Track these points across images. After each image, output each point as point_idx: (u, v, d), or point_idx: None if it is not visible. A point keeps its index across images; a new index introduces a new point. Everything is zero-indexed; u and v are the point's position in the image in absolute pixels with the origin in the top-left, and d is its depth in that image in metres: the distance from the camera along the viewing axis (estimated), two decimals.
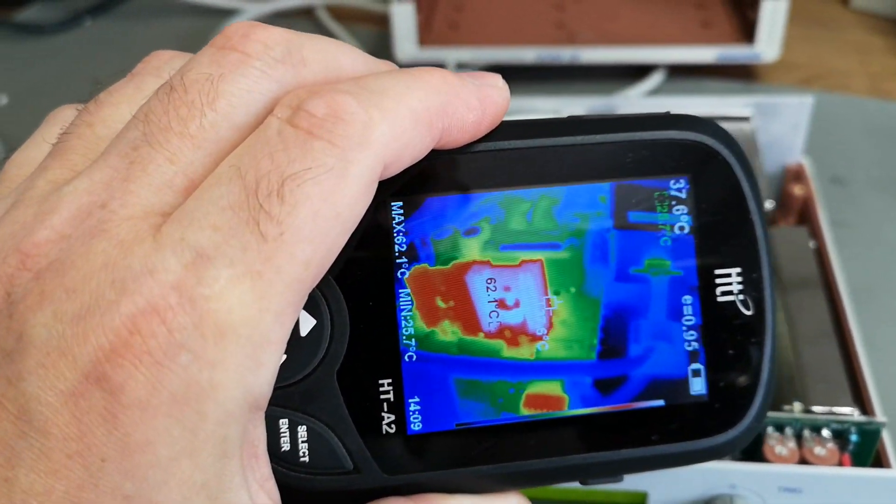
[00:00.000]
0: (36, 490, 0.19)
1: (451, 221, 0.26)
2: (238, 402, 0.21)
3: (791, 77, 0.78)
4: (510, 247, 0.26)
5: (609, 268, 0.27)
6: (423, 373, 0.26)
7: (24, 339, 0.20)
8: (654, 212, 0.27)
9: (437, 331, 0.26)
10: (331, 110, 0.22)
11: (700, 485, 0.39)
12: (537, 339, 0.26)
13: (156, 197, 0.21)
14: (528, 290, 0.26)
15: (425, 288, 0.26)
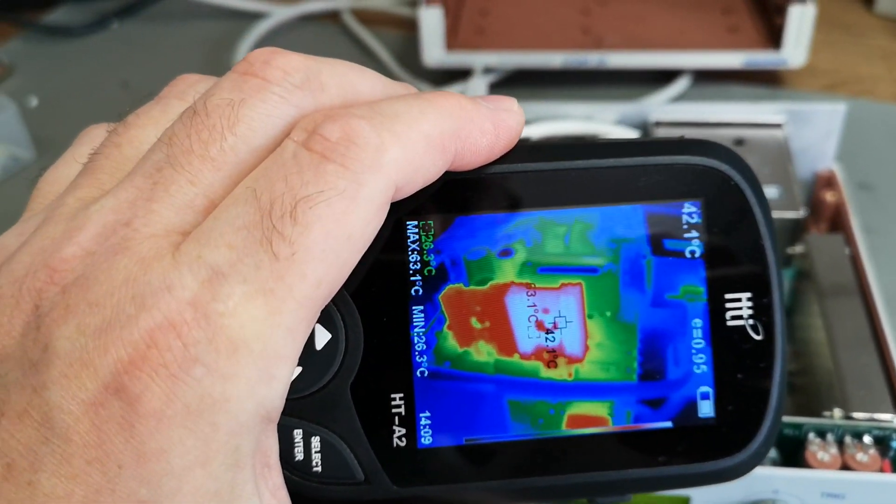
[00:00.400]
0: (57, 493, 0.20)
1: (479, 242, 0.27)
2: (250, 414, 0.22)
3: (816, 83, 0.78)
4: (549, 269, 0.27)
5: (670, 279, 0.27)
6: (433, 388, 0.27)
7: (50, 350, 0.21)
8: (679, 238, 0.27)
9: (472, 350, 0.27)
10: (344, 134, 0.23)
11: (742, 490, 0.39)
12: (575, 362, 0.27)
13: (177, 216, 0.23)
14: (567, 312, 0.27)
15: (460, 307, 0.27)
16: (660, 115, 0.58)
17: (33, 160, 0.75)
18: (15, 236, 0.24)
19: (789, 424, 0.41)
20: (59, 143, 0.77)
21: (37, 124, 0.77)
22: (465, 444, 0.27)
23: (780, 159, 0.54)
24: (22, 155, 0.75)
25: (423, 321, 0.27)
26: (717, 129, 0.57)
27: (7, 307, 0.22)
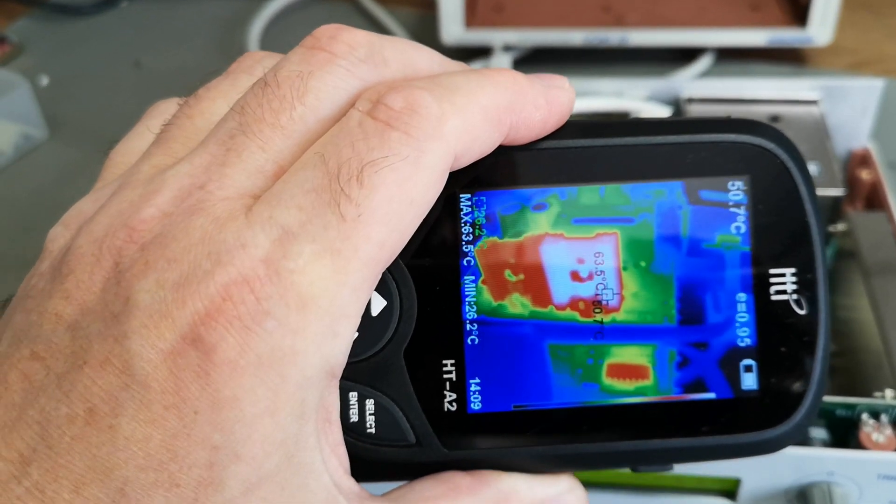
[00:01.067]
0: (136, 437, 0.21)
1: (519, 202, 0.28)
2: (316, 369, 0.23)
3: (841, 62, 0.77)
4: (583, 220, 0.28)
5: (681, 243, 0.28)
6: (484, 355, 0.27)
7: (130, 302, 0.22)
8: (723, 201, 0.28)
9: (506, 304, 0.27)
10: (407, 104, 0.24)
11: (795, 472, 0.38)
12: (611, 311, 0.27)
13: (249, 181, 0.24)
14: (603, 261, 0.28)
15: (494, 260, 0.28)
16: (692, 91, 0.57)
17: (46, 139, 0.74)
18: (91, 202, 0.26)
19: (842, 405, 0.40)
20: (72, 122, 0.76)
21: (48, 104, 0.76)
22: (513, 409, 0.28)
23: (818, 136, 0.53)
24: (35, 134, 0.74)
25: (474, 290, 0.27)
26: (752, 106, 0.56)
27: (88, 264, 0.23)
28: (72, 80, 0.81)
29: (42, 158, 0.73)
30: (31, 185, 0.70)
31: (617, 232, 0.27)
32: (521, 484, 0.27)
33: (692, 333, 0.27)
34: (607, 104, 0.56)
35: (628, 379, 0.28)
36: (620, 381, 0.27)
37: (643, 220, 0.27)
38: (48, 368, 0.22)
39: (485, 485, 0.27)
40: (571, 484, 0.28)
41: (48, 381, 0.22)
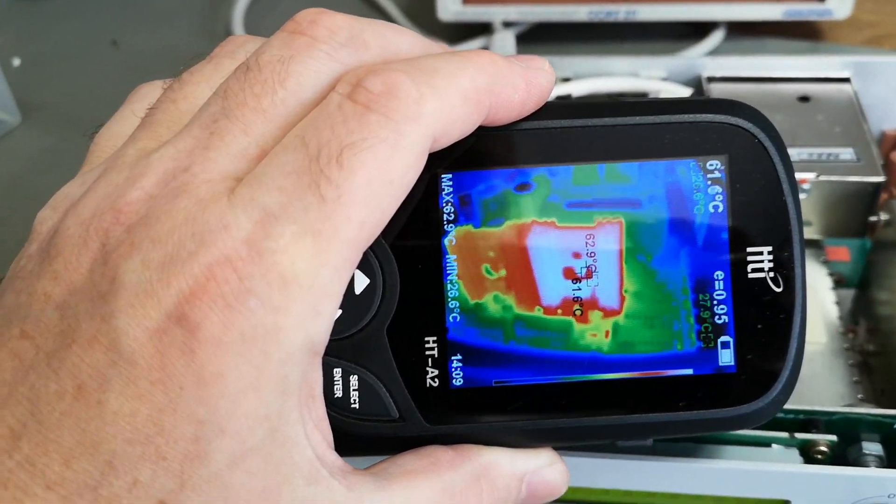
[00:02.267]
0: (124, 412, 0.22)
1: (501, 182, 0.28)
2: (298, 346, 0.23)
3: (859, 36, 0.73)
4: (578, 205, 0.29)
5: (693, 233, 0.28)
6: (465, 333, 0.28)
7: (117, 282, 0.23)
8: (700, 181, 0.28)
9: (485, 304, 0.28)
10: (386, 87, 0.24)
11: (850, 493, 0.35)
12: (612, 315, 0.28)
13: (232, 164, 0.24)
14: (604, 255, 0.28)
15: (470, 254, 0.29)
16: (712, 69, 0.53)
17: (18, 124, 0.70)
18: (78, 186, 0.26)
19: None
20: (46, 106, 0.71)
21: (20, 87, 0.71)
22: (494, 385, 0.28)
23: (852, 118, 0.49)
24: (6, 119, 0.69)
25: (456, 269, 0.28)
26: (778, 85, 0.52)
27: (75, 246, 0.24)
28: (45, 61, 0.77)
29: (15, 145, 0.68)
30: (3, 174, 0.66)
31: (621, 219, 0.28)
32: (502, 458, 0.29)
33: (672, 310, 0.28)
34: (623, 84, 0.52)
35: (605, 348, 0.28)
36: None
37: (620, 200, 0.28)
38: (38, 347, 0.23)
39: (466, 458, 0.28)
40: (552, 458, 0.30)
41: (38, 359, 0.23)
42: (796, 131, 0.49)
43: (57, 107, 0.71)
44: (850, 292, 0.48)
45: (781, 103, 0.51)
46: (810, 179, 0.46)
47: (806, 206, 0.47)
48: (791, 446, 0.36)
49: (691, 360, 0.28)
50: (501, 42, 0.65)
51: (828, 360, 0.44)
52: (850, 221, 0.47)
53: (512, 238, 0.28)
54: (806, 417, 0.36)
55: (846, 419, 0.36)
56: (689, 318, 0.28)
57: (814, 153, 0.47)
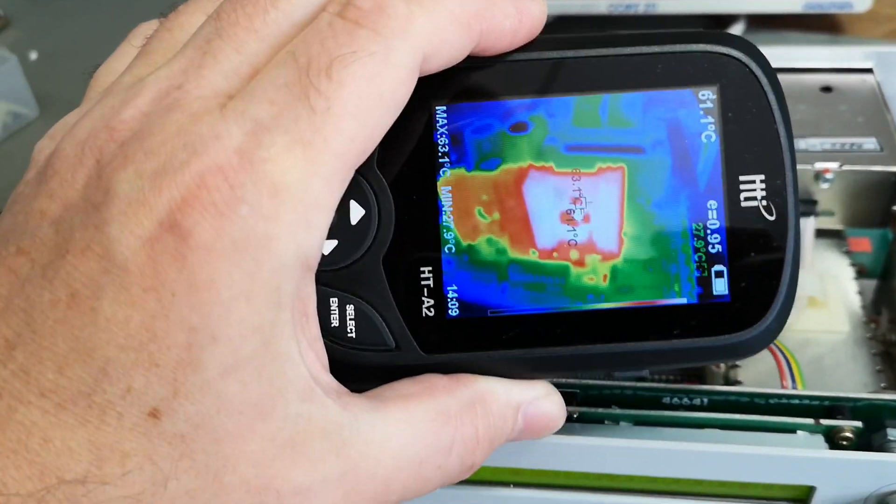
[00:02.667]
0: (117, 318, 0.22)
1: (497, 121, 0.29)
2: (290, 256, 0.24)
3: (879, 30, 0.72)
4: (578, 149, 0.29)
5: (687, 163, 0.28)
6: (460, 264, 0.29)
7: (110, 192, 0.23)
8: (693, 110, 0.28)
9: (478, 243, 0.29)
10: (376, 4, 0.25)
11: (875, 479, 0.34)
12: (610, 259, 0.29)
13: (225, 81, 0.25)
14: (604, 201, 0.29)
15: (464, 196, 0.29)
16: None
17: (35, 117, 0.70)
18: (76, 115, 0.27)
19: None
20: (64, 99, 0.72)
21: (38, 79, 0.72)
22: (490, 315, 0.29)
23: (875, 108, 0.49)
24: (24, 112, 0.69)
25: (451, 200, 0.29)
26: (801, 75, 0.52)
27: (71, 164, 0.24)
28: (62, 55, 0.77)
29: (32, 138, 0.68)
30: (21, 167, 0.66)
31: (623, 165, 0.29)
32: (498, 386, 0.29)
33: (665, 240, 0.28)
34: None
35: (602, 285, 0.29)
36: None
37: (618, 145, 0.28)
38: (33, 261, 0.24)
39: (462, 385, 0.28)
40: (548, 389, 0.30)
41: (33, 273, 0.23)
42: (819, 122, 0.48)
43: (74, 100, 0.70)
44: (872, 283, 0.48)
45: (804, 94, 0.50)
46: (833, 169, 0.45)
47: (828, 195, 0.47)
48: (816, 432, 0.35)
49: (685, 289, 0.28)
50: None
51: (850, 349, 0.43)
52: (873, 211, 0.47)
53: (509, 180, 0.29)
54: (831, 404, 0.36)
55: (871, 405, 0.36)
56: (686, 248, 0.29)
57: (837, 143, 0.47)
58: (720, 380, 0.42)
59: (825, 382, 0.42)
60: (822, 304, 0.44)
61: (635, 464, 0.35)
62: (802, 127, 0.48)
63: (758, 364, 0.42)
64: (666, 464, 0.35)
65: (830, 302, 0.45)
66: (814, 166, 0.46)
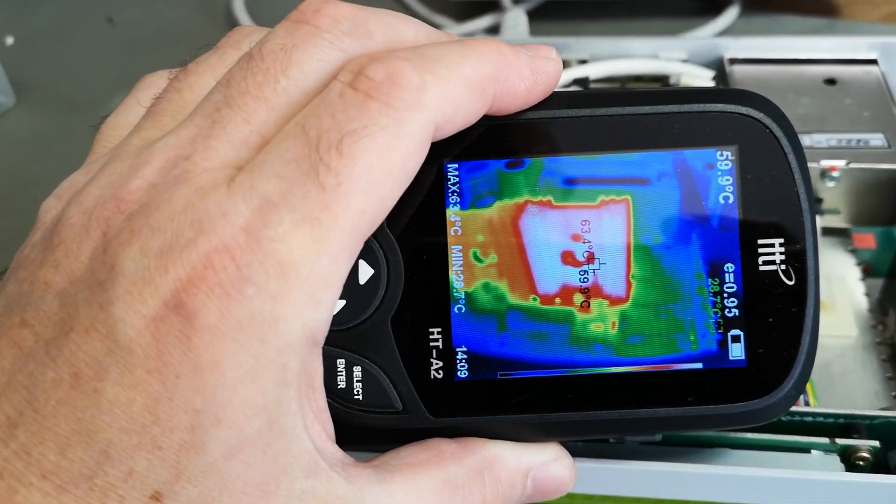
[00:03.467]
0: (120, 400, 0.22)
1: (500, 169, 0.28)
2: (297, 335, 0.23)
3: (876, 13, 0.71)
4: (578, 182, 0.28)
5: (703, 224, 0.28)
6: (471, 324, 0.28)
7: (115, 270, 0.23)
8: (711, 172, 0.28)
9: (478, 292, 0.28)
10: (388, 75, 0.24)
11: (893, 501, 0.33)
12: (618, 303, 0.28)
13: (233, 152, 0.24)
14: (609, 238, 0.28)
15: (463, 236, 0.28)
16: (734, 51, 0.51)
17: (12, 105, 0.68)
18: (82, 175, 0.26)
19: None
20: (42, 86, 0.69)
21: (14, 66, 0.69)
22: (500, 378, 0.28)
23: (881, 101, 0.48)
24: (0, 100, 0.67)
25: (461, 259, 0.28)
26: (803, 66, 0.50)
27: (77, 235, 0.24)
28: (39, 40, 0.74)
29: (9, 127, 0.66)
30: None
31: (628, 198, 0.28)
32: (507, 451, 0.28)
33: (683, 302, 0.28)
34: (642, 66, 0.50)
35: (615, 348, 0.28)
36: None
37: (631, 190, 0.28)
38: (37, 335, 0.23)
39: (470, 451, 0.28)
40: (558, 453, 0.29)
41: (37, 348, 0.23)
42: (824, 116, 0.47)
43: (52, 87, 0.69)
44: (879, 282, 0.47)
45: (807, 86, 0.49)
46: (840, 167, 0.44)
47: (834, 194, 0.45)
48: (831, 452, 0.34)
49: (701, 354, 0.28)
50: (514, 21, 0.63)
51: (860, 355, 0.42)
52: (880, 209, 0.46)
53: (492, 213, 0.28)
54: (846, 421, 0.35)
55: (888, 423, 0.35)
56: (703, 311, 0.28)
57: (843, 139, 0.45)
58: None
59: (834, 390, 0.40)
60: (829, 308, 0.43)
61: (644, 486, 0.34)
62: (807, 122, 0.46)
63: None
64: (673, 486, 0.34)
65: (837, 305, 0.43)
66: (820, 164, 0.44)
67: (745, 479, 0.33)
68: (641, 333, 0.28)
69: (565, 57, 0.52)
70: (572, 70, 0.50)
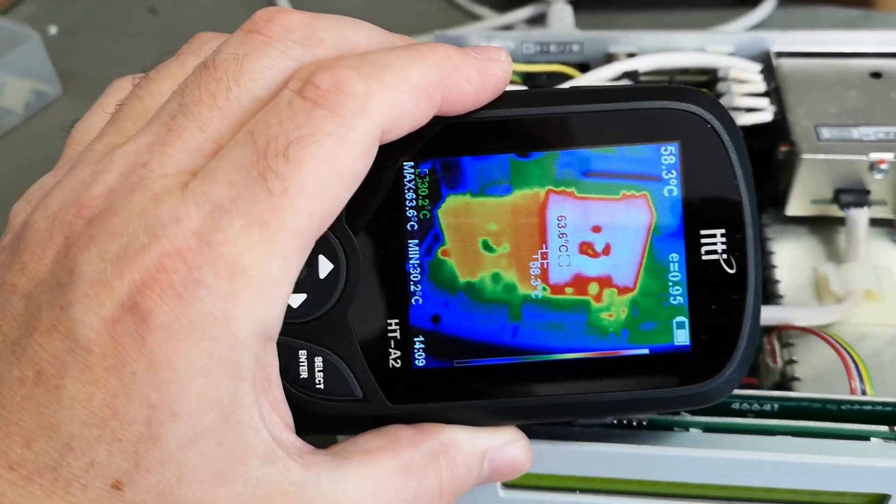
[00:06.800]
0: (80, 396, 0.24)
1: (465, 170, 0.30)
2: (249, 332, 0.25)
3: None
4: (600, 175, 0.30)
5: (648, 216, 0.30)
6: (427, 315, 0.30)
7: (75, 273, 0.24)
8: (655, 166, 0.30)
9: (433, 284, 0.30)
10: (334, 83, 0.25)
11: None
12: (627, 291, 0.30)
13: (188, 158, 0.26)
14: (627, 231, 0.30)
15: (465, 225, 0.30)
16: (781, 44, 0.52)
17: (59, 95, 0.69)
18: (51, 179, 0.28)
19: None
20: (86, 76, 0.70)
21: (59, 56, 0.71)
22: (455, 366, 0.30)
23: None
24: (47, 90, 0.68)
25: (418, 254, 0.30)
26: (849, 60, 0.51)
27: (42, 239, 0.25)
28: (81, 30, 0.76)
29: (56, 116, 0.67)
30: (44, 147, 0.65)
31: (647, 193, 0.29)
32: (462, 435, 0.30)
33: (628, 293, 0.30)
34: (689, 60, 0.51)
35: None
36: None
37: (573, 187, 0.29)
38: (4, 335, 0.25)
39: (426, 436, 0.29)
40: (514, 435, 0.31)
41: (3, 347, 0.25)
42: (871, 109, 0.47)
43: (96, 76, 0.70)
44: None
45: (853, 80, 0.50)
46: (889, 160, 0.45)
47: (882, 186, 0.46)
48: (890, 440, 0.35)
49: (647, 340, 0.30)
50: (559, 14, 0.64)
51: None
52: None
53: (508, 201, 0.30)
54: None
55: None
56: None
57: (891, 132, 0.46)
58: (777, 376, 0.42)
59: (884, 378, 0.41)
60: (878, 297, 0.44)
61: (706, 472, 0.35)
62: (854, 115, 0.47)
63: (814, 358, 0.42)
64: (737, 472, 0.35)
65: (886, 294, 0.44)
66: (868, 157, 0.45)
67: (807, 465, 0.34)
68: (592, 324, 0.30)
69: (614, 50, 0.53)
70: (621, 63, 0.51)
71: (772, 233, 0.49)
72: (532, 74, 0.52)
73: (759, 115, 0.48)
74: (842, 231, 0.48)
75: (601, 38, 0.53)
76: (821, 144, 0.45)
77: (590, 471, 0.35)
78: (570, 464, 0.35)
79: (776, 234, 0.49)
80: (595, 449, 0.34)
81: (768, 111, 0.48)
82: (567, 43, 0.53)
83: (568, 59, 0.54)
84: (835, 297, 0.44)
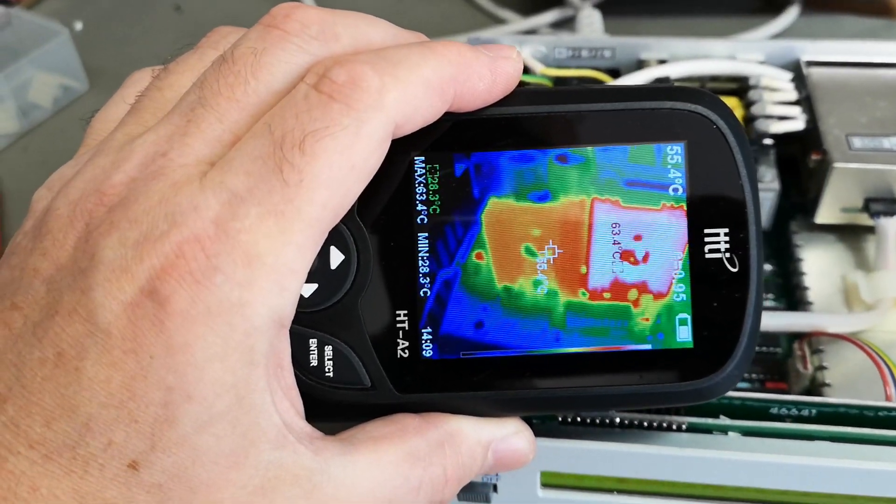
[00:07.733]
0: (99, 378, 0.24)
1: (466, 166, 0.30)
2: (263, 319, 0.25)
3: None
4: (639, 185, 0.30)
5: (653, 214, 0.30)
6: (435, 307, 0.30)
7: (96, 258, 0.25)
8: (661, 165, 0.30)
9: (444, 277, 0.30)
10: (350, 78, 0.26)
11: None
12: (661, 297, 0.30)
13: (207, 149, 0.26)
14: (666, 240, 0.30)
15: (506, 230, 0.30)
16: (812, 53, 0.52)
17: (86, 91, 0.69)
18: (71, 167, 0.29)
19: None
20: (112, 71, 0.71)
21: (85, 51, 0.71)
22: (462, 357, 0.30)
23: None
24: (74, 85, 0.68)
25: (427, 247, 0.30)
26: (879, 70, 0.51)
27: (63, 225, 0.26)
28: (107, 26, 0.76)
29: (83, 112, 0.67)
30: (72, 142, 0.65)
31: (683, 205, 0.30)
32: (468, 425, 0.30)
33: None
34: (720, 67, 0.52)
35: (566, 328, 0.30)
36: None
37: (585, 184, 0.30)
38: (26, 317, 0.25)
39: (432, 426, 0.30)
40: (518, 427, 0.31)
41: (25, 329, 0.25)
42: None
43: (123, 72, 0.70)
44: None
45: (883, 89, 0.50)
46: None
47: None
48: None
49: (649, 336, 0.30)
50: (588, 20, 0.64)
51: None
52: None
53: (553, 207, 0.30)
54: None
55: None
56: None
57: None
58: (806, 381, 0.42)
59: None
60: None
61: (745, 475, 0.35)
62: (885, 125, 0.47)
63: (843, 364, 0.42)
64: (775, 476, 0.35)
65: None
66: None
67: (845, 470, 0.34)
68: (597, 319, 0.30)
69: (645, 56, 0.53)
70: (653, 69, 0.51)
71: (801, 240, 0.49)
72: (563, 79, 0.53)
73: (791, 123, 0.48)
74: (870, 239, 0.48)
75: (633, 45, 0.54)
76: (852, 154, 0.46)
77: (628, 472, 0.36)
78: (609, 465, 0.36)
79: (805, 241, 0.49)
80: (634, 450, 0.35)
81: (800, 119, 0.48)
82: (599, 48, 0.54)
83: (599, 65, 0.54)
84: (865, 305, 0.45)
